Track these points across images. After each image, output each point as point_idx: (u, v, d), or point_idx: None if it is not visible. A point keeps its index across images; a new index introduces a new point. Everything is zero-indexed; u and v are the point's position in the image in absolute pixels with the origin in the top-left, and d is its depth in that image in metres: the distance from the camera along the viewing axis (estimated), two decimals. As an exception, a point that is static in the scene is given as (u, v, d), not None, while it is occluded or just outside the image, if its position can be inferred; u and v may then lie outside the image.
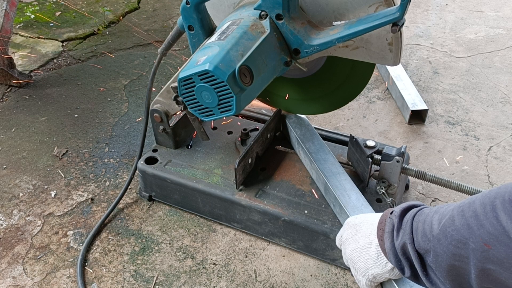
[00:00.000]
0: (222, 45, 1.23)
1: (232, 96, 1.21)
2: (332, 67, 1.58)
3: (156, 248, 1.61)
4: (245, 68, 1.22)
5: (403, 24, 1.20)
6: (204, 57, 1.23)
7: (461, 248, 0.71)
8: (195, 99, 1.27)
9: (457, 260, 0.73)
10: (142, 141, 1.76)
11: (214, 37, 1.30)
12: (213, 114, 1.29)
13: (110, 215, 1.72)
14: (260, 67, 1.27)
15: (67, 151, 2.04)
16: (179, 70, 1.57)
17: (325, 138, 1.77)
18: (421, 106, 2.16)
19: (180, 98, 1.50)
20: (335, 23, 1.35)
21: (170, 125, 1.70)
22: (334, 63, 1.55)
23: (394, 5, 1.27)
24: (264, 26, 1.29)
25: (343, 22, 1.31)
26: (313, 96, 1.70)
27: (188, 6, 1.38)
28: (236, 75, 1.19)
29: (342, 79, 1.60)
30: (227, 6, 1.51)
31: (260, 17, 1.30)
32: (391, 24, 1.19)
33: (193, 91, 1.26)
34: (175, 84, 1.52)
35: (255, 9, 1.29)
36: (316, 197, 1.55)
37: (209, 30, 1.46)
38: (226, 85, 1.19)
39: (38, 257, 1.58)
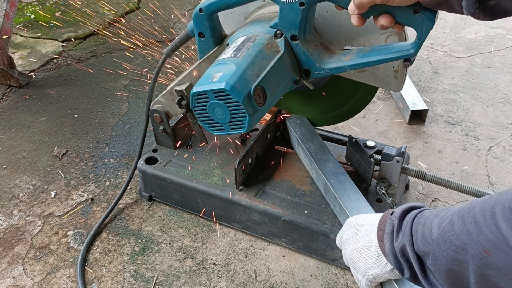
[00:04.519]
0: (239, 63, 1.22)
1: (246, 116, 1.20)
2: (336, 85, 1.61)
3: (156, 248, 1.61)
4: (260, 89, 1.22)
5: (414, 59, 1.22)
6: (220, 73, 1.21)
7: (460, 254, 0.71)
8: (207, 113, 1.26)
9: (456, 264, 0.73)
10: (142, 141, 1.76)
11: (229, 53, 1.28)
12: (223, 129, 1.28)
13: (110, 215, 1.72)
14: (273, 88, 1.27)
15: (67, 151, 2.04)
16: (182, 73, 1.57)
17: (325, 138, 1.77)
18: (421, 106, 2.16)
19: (184, 102, 1.50)
20: (346, 47, 1.37)
21: (170, 125, 1.70)
22: (339, 80, 1.57)
23: (406, 37, 1.30)
24: (278, 46, 1.29)
25: (355, 48, 1.33)
26: (315, 109, 1.71)
27: (202, 14, 1.37)
28: (251, 95, 1.19)
29: (344, 96, 1.64)
30: (237, 15, 1.51)
31: (275, 35, 1.30)
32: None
33: (206, 106, 1.24)
34: (180, 87, 1.52)
35: (271, 27, 1.29)
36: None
37: (220, 38, 1.45)
38: (241, 105, 1.19)
39: (38, 257, 1.59)
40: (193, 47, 2.14)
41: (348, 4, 1.10)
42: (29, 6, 3.23)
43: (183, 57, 2.22)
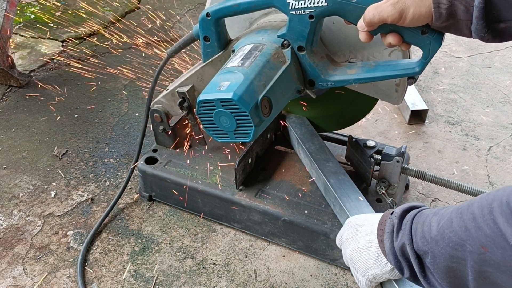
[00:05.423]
0: (246, 73, 1.22)
1: (252, 126, 1.20)
2: (337, 94, 1.61)
3: (156, 248, 1.61)
4: (266, 100, 1.22)
5: (418, 77, 1.23)
6: (227, 83, 1.21)
7: (459, 250, 0.71)
8: (212, 121, 1.25)
9: (455, 262, 0.73)
10: (141, 141, 1.75)
11: (236, 61, 1.28)
12: (228, 137, 1.27)
13: (110, 215, 1.72)
14: (279, 98, 1.27)
15: (67, 151, 2.04)
16: (184, 73, 1.57)
17: (325, 138, 1.77)
18: (421, 106, 2.16)
19: (185, 104, 1.50)
20: (350, 59, 1.37)
21: (170, 125, 1.70)
22: (339, 89, 1.58)
23: (409, 54, 1.32)
24: (285, 56, 1.30)
25: (360, 62, 1.34)
26: (316, 115, 1.72)
27: (209, 18, 1.37)
28: (258, 106, 1.19)
29: (345, 105, 1.65)
30: (243, 19, 1.51)
31: (282, 45, 1.30)
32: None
33: (211, 114, 1.24)
34: (182, 89, 1.52)
35: (278, 36, 1.29)
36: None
37: (225, 43, 1.45)
38: (248, 116, 1.18)
39: (38, 257, 1.59)
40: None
41: (357, 20, 1.11)
42: (29, 6, 3.24)
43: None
